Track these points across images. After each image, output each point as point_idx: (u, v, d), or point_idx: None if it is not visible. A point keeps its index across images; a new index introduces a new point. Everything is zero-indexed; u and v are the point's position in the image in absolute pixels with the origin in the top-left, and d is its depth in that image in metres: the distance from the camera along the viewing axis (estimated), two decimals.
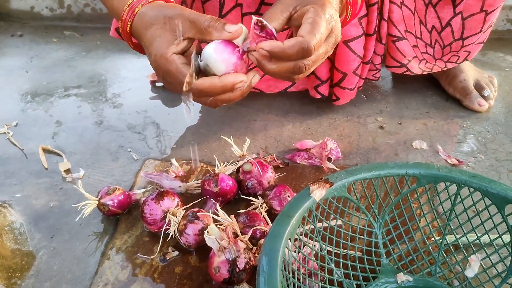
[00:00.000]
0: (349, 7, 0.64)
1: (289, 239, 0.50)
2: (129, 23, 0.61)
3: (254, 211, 0.68)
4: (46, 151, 0.88)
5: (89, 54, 1.33)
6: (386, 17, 0.86)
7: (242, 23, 0.82)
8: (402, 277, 0.58)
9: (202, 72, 0.57)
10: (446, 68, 0.98)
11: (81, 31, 1.50)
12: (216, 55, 0.55)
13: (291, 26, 0.58)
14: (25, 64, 1.27)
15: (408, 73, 0.95)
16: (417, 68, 0.95)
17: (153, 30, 0.58)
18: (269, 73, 0.55)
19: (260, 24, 0.54)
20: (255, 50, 0.53)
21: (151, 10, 0.60)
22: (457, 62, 0.98)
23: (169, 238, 0.65)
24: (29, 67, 1.26)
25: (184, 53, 0.58)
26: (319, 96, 0.96)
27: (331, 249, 0.59)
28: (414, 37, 0.91)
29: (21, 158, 0.87)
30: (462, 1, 0.86)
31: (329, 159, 0.84)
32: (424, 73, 0.97)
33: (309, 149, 0.86)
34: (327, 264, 0.57)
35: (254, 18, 0.53)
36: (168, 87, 0.61)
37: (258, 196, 0.72)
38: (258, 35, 0.54)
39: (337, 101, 0.97)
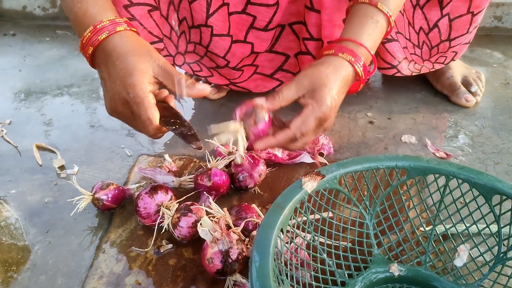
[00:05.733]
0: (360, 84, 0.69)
1: (281, 229, 0.51)
2: (106, 33, 0.61)
3: (246, 203, 0.69)
4: (40, 148, 0.89)
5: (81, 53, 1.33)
6: None
7: (229, 22, 0.83)
8: (393, 267, 0.60)
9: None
10: (433, 69, 1.00)
11: (73, 30, 1.50)
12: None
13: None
14: (18, 63, 1.27)
15: (398, 74, 0.95)
16: (406, 69, 0.96)
17: (136, 58, 0.60)
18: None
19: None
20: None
21: (136, 38, 0.63)
22: (444, 63, 0.99)
23: (163, 231, 0.66)
24: (22, 66, 1.26)
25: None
26: None
27: (323, 240, 0.60)
28: (404, 38, 0.92)
29: (15, 156, 0.87)
30: (449, 3, 0.86)
31: (321, 154, 0.85)
32: (413, 74, 0.98)
33: None
34: (319, 254, 0.58)
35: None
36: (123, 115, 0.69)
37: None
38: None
39: None
